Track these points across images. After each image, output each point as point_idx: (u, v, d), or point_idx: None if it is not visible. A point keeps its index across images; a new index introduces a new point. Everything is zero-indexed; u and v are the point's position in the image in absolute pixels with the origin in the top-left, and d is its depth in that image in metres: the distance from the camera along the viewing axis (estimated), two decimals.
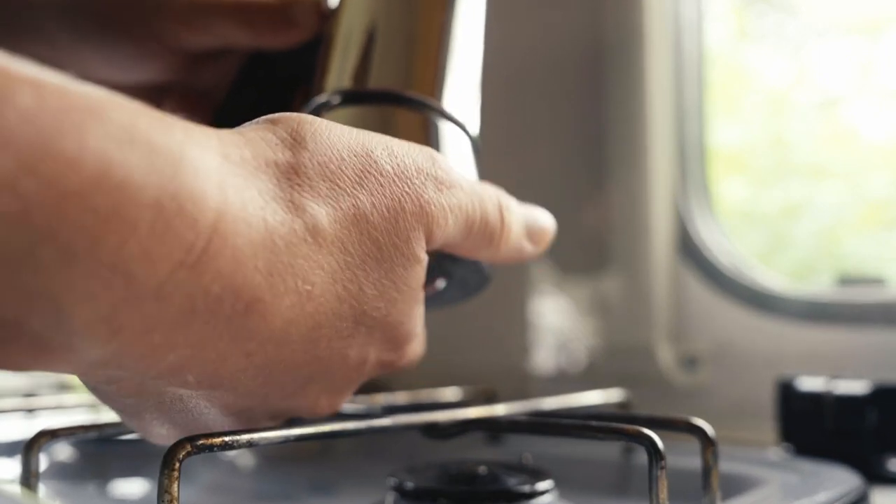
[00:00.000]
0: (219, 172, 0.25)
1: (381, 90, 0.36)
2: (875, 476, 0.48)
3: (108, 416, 0.36)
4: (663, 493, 0.31)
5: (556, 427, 0.37)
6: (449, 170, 0.33)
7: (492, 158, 0.88)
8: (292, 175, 0.28)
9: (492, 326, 0.80)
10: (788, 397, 0.52)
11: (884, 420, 0.49)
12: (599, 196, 0.76)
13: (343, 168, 0.29)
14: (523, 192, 0.80)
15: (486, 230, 0.34)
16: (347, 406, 0.43)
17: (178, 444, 0.29)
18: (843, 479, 0.42)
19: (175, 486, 0.28)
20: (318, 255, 0.28)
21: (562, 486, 0.40)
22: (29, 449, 0.37)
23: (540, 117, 0.80)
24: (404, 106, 0.36)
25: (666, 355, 0.71)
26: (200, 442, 0.29)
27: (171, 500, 0.28)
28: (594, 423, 0.36)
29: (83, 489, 0.51)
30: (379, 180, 0.30)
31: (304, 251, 0.27)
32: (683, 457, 0.40)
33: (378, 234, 0.30)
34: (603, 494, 0.49)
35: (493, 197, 0.35)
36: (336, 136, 0.30)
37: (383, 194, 0.30)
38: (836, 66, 0.75)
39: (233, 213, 0.25)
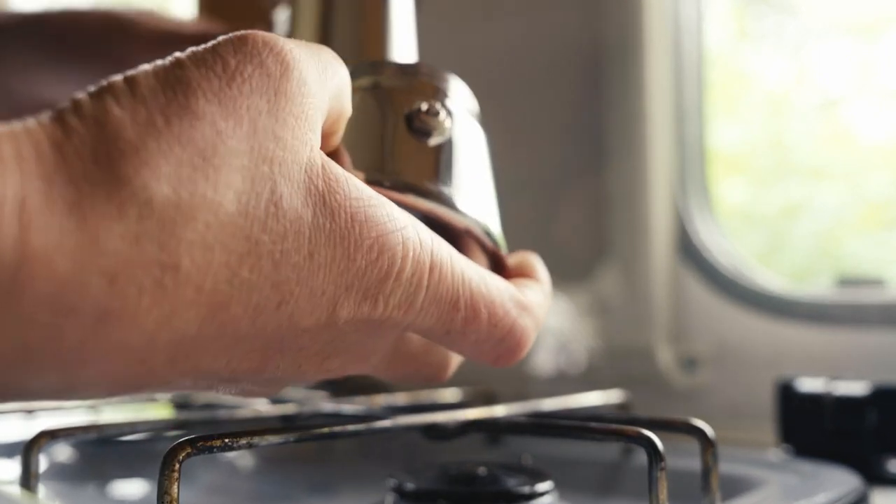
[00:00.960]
0: (10, 184, 0.21)
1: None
2: (875, 477, 0.48)
3: (108, 416, 0.37)
4: (663, 495, 0.31)
5: (556, 428, 0.38)
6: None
7: (490, 160, 0.88)
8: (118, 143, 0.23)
9: None
10: (788, 398, 0.52)
11: (883, 421, 0.49)
12: (599, 196, 0.76)
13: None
14: (523, 194, 0.80)
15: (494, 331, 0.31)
16: (347, 407, 0.43)
17: (178, 445, 0.29)
18: (843, 481, 0.42)
19: (175, 486, 0.28)
20: (183, 231, 0.23)
21: (562, 487, 0.40)
22: (29, 450, 0.37)
23: (539, 118, 0.80)
24: None
25: (665, 356, 0.71)
26: (200, 443, 0.29)
27: (171, 501, 0.28)
28: (594, 424, 0.36)
29: (83, 490, 0.51)
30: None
31: (153, 232, 0.23)
32: (683, 458, 0.40)
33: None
34: (603, 495, 0.49)
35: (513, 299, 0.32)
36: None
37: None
38: (836, 67, 0.75)
39: (38, 223, 0.21)
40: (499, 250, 0.35)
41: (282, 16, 0.43)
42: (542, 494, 0.38)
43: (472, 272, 0.30)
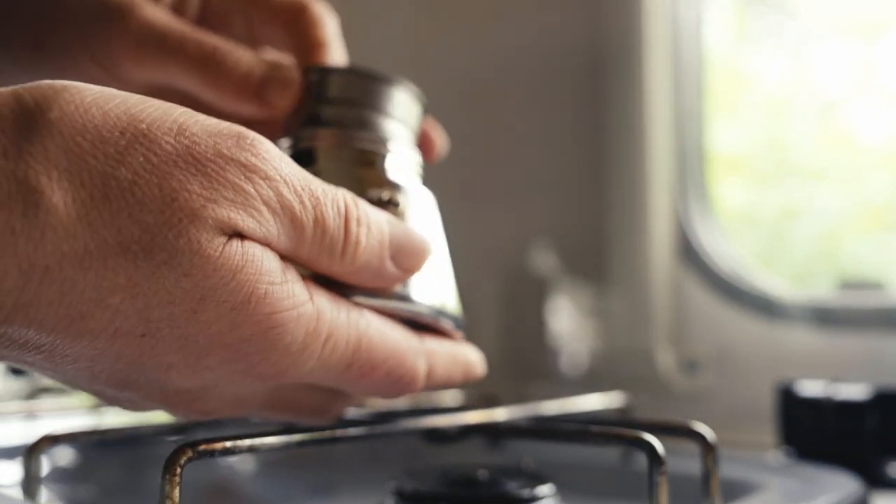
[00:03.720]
0: None
1: None
2: (875, 480, 0.48)
3: (110, 420, 0.37)
4: (664, 499, 0.32)
5: (557, 432, 0.38)
6: (268, 158, 0.28)
7: (491, 163, 0.88)
8: (22, 144, 0.24)
9: (493, 328, 0.80)
10: (789, 401, 0.52)
11: (884, 424, 0.49)
12: (599, 200, 0.76)
13: (102, 140, 0.25)
14: (523, 196, 0.80)
15: (324, 238, 0.29)
16: (348, 410, 0.43)
17: (180, 450, 0.29)
18: (844, 484, 0.42)
19: (176, 490, 0.28)
20: (53, 237, 0.24)
21: (562, 490, 0.40)
22: (31, 453, 0.37)
23: (540, 121, 0.80)
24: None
25: (666, 359, 0.71)
26: (202, 447, 0.29)
27: None
28: (594, 428, 0.36)
29: (84, 494, 0.51)
30: (150, 158, 0.26)
31: (30, 233, 0.24)
32: (683, 460, 0.40)
33: (146, 217, 0.25)
34: (603, 499, 0.49)
35: (337, 202, 0.30)
36: (101, 104, 0.26)
37: (154, 173, 0.26)
38: (836, 68, 0.75)
39: None
40: (449, 328, 0.35)
41: None
42: (542, 498, 0.38)
43: (374, 332, 0.31)
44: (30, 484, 0.37)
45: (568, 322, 0.75)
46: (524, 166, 0.80)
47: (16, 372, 0.59)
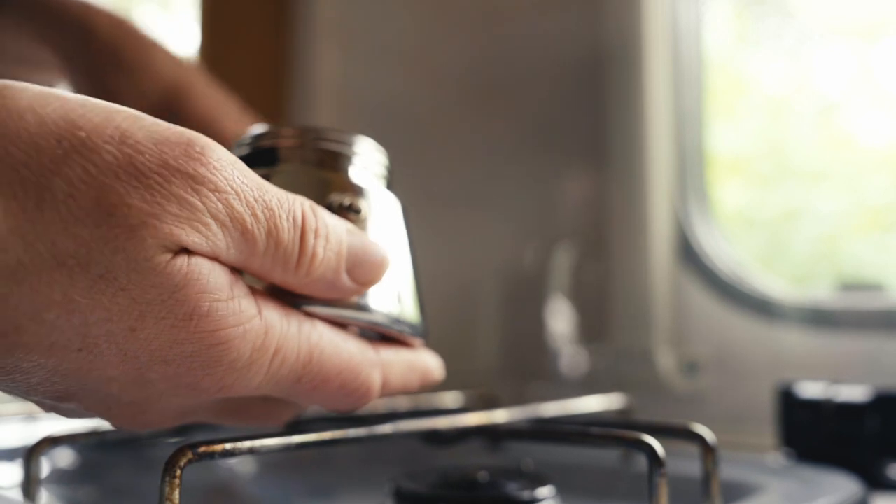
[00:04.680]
0: None
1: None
2: (875, 482, 0.48)
3: None
4: (664, 500, 0.32)
5: (557, 434, 0.38)
6: (218, 167, 0.26)
7: (491, 164, 0.88)
8: None
9: (493, 329, 0.80)
10: (788, 403, 0.52)
11: (884, 426, 0.49)
12: (599, 200, 0.76)
13: (37, 150, 0.24)
14: (523, 198, 0.80)
15: (278, 251, 0.28)
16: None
17: (180, 452, 0.29)
18: (844, 486, 0.42)
19: (176, 493, 0.28)
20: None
21: (562, 491, 0.40)
22: (30, 455, 0.37)
23: (540, 123, 0.80)
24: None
25: (666, 360, 0.71)
26: (202, 449, 0.29)
27: None
28: (594, 429, 0.36)
29: (84, 495, 0.51)
30: (89, 169, 0.24)
31: None
32: (683, 462, 0.40)
33: (81, 232, 0.24)
34: (603, 500, 0.49)
35: (294, 212, 0.29)
36: (37, 108, 0.25)
37: (92, 186, 0.24)
38: (835, 70, 0.76)
39: None
40: (407, 336, 0.34)
41: None
42: (542, 500, 0.38)
43: (327, 344, 0.30)
44: (30, 485, 0.37)
45: (568, 323, 0.75)
46: (524, 168, 0.80)
47: None
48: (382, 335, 0.34)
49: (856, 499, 0.41)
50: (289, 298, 0.30)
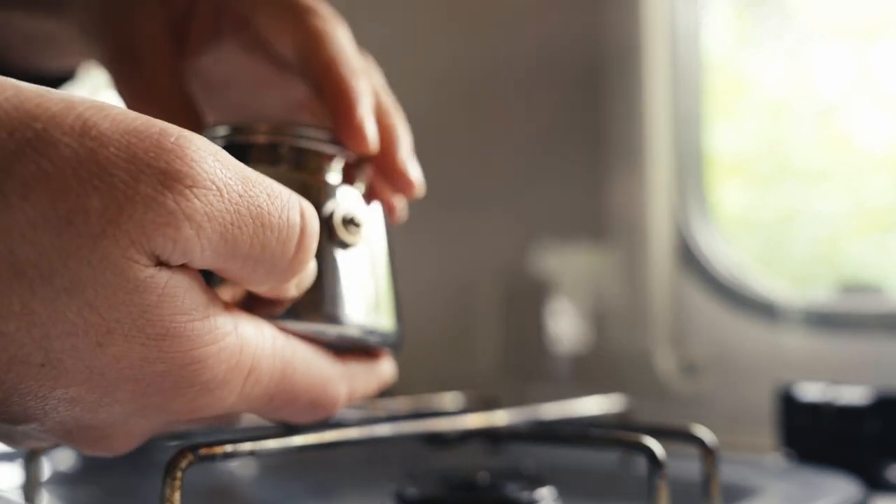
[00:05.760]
0: None
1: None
2: (875, 484, 0.48)
3: None
4: (664, 502, 0.32)
5: (557, 436, 0.38)
6: (196, 159, 0.23)
7: (491, 165, 0.88)
8: None
9: (492, 330, 0.80)
10: (788, 405, 0.52)
11: (884, 428, 0.49)
12: (598, 202, 0.76)
13: None
14: (522, 199, 0.80)
15: (263, 254, 0.26)
16: (349, 413, 0.44)
17: (181, 454, 0.29)
18: (844, 487, 0.42)
19: (177, 494, 0.28)
20: None
21: (562, 493, 0.40)
22: (31, 457, 0.37)
23: (539, 125, 0.80)
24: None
25: (666, 362, 0.71)
26: (203, 451, 0.29)
27: None
28: (594, 431, 0.36)
29: (85, 497, 0.51)
30: (44, 167, 0.22)
31: None
32: (683, 463, 0.40)
33: (40, 240, 0.22)
34: (603, 502, 0.49)
35: (287, 212, 0.26)
36: None
37: (49, 186, 0.22)
38: (835, 71, 0.76)
39: None
40: (377, 347, 0.33)
41: None
42: (542, 501, 0.38)
43: (299, 362, 0.29)
44: (30, 487, 0.37)
45: (567, 324, 0.75)
46: (524, 168, 0.80)
47: None
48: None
49: (856, 500, 0.41)
50: (261, 310, 0.28)
